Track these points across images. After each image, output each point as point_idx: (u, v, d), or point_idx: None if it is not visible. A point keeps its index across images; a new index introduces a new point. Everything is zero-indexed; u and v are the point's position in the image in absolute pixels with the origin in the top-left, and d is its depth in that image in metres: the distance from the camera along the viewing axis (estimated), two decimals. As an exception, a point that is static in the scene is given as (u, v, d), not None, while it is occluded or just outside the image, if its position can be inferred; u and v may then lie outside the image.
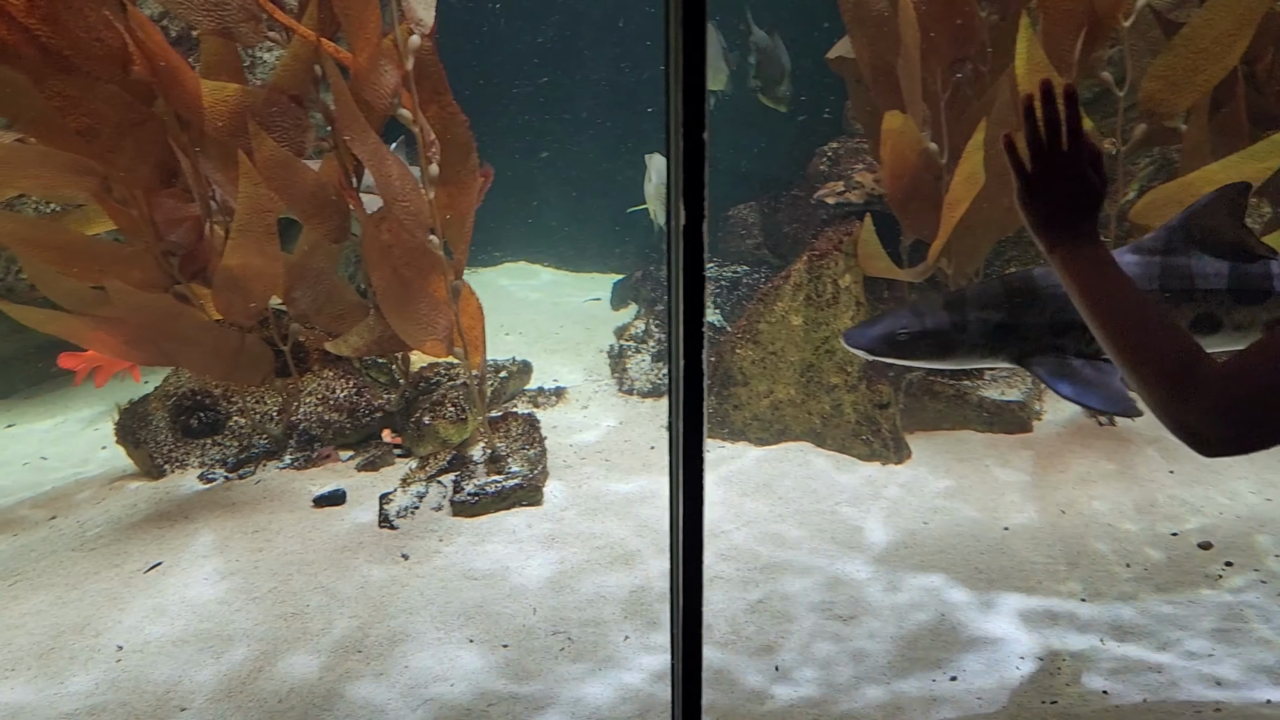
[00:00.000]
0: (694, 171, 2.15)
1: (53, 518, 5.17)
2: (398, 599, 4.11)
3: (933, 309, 3.24)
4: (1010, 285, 3.17)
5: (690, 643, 2.69)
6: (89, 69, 3.62)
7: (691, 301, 2.26)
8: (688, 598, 2.66)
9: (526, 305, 8.97)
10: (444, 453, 5.14)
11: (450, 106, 4.29)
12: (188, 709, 3.52)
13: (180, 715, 3.49)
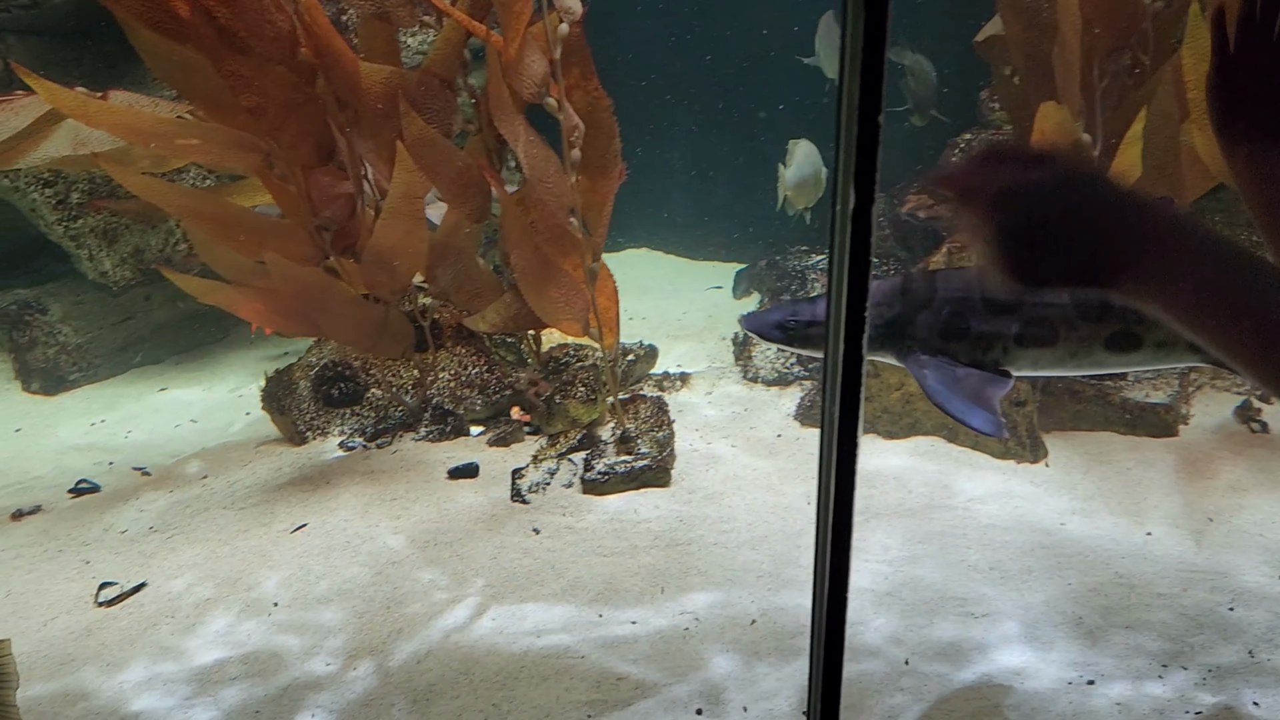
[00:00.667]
0: (867, 155, 2.14)
1: (204, 477, 5.46)
2: (529, 570, 4.21)
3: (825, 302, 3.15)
4: (907, 283, 3.07)
5: (833, 636, 2.68)
6: (261, 50, 3.81)
7: (856, 287, 2.26)
8: (833, 593, 2.65)
9: (649, 292, 9.03)
10: (574, 431, 5.23)
11: (596, 91, 4.34)
12: (332, 664, 3.68)
13: (325, 669, 3.65)
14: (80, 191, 6.69)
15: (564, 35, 4.06)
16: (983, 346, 2.92)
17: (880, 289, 3.12)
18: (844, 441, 2.46)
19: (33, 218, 6.82)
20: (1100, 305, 2.87)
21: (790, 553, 4.26)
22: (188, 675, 3.65)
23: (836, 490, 2.54)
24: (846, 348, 2.38)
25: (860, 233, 2.29)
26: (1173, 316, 1.46)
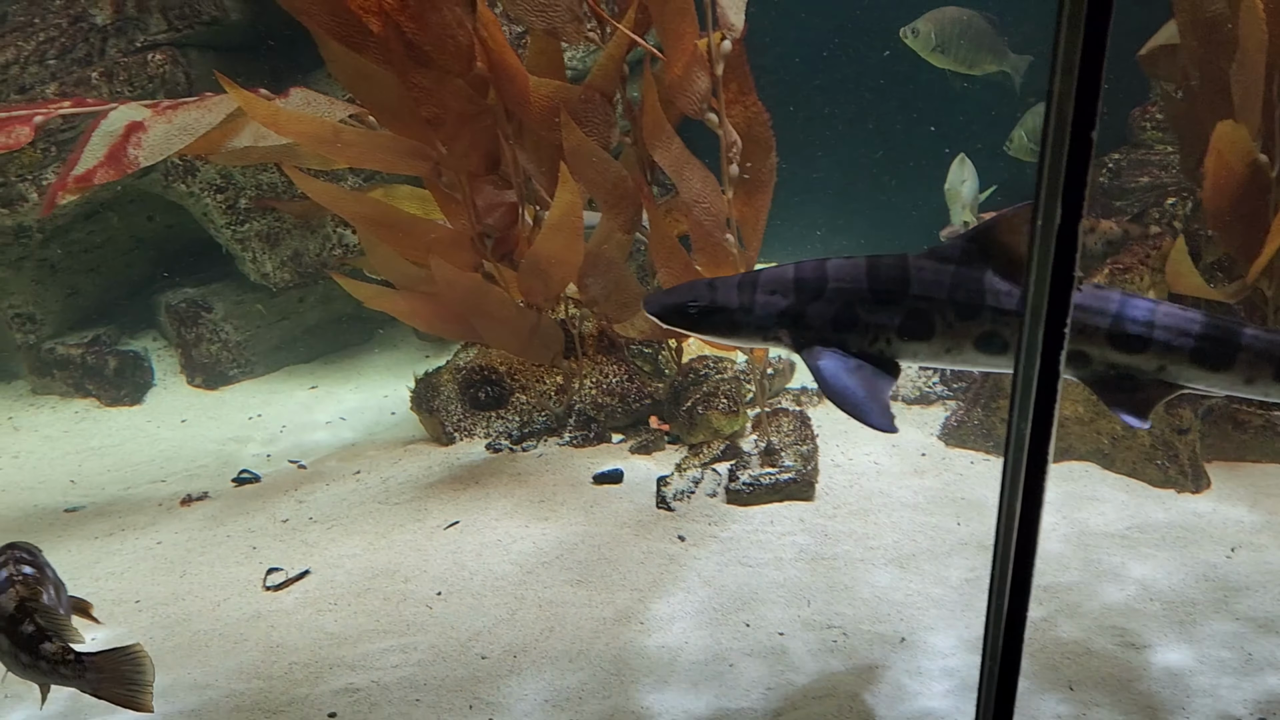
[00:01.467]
0: (1077, 171, 2.12)
1: (357, 472, 5.68)
2: (675, 577, 4.26)
3: (727, 286, 3.15)
4: (800, 274, 3.06)
5: (1009, 658, 2.64)
6: (442, 64, 3.98)
7: (1057, 304, 2.24)
8: (1011, 619, 2.61)
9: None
10: (715, 442, 5.27)
11: (754, 106, 4.40)
12: (487, 657, 3.79)
13: (481, 662, 3.76)
14: (248, 198, 7.07)
15: (727, 52, 4.12)
16: (870, 338, 2.95)
17: (774, 277, 3.13)
18: (1034, 462, 2.43)
19: (203, 221, 7.24)
20: (973, 306, 2.87)
21: (939, 572, 4.20)
22: (352, 661, 3.82)
23: (1023, 512, 2.50)
24: (1043, 365, 2.36)
25: (1065, 250, 2.26)
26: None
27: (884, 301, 2.95)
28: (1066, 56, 2.03)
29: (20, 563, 3.11)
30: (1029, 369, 2.36)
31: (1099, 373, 2.91)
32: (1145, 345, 2.84)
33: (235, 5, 7.04)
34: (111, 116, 4.09)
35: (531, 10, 4.10)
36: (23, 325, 7.33)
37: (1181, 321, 2.86)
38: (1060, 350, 2.30)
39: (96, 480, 6.13)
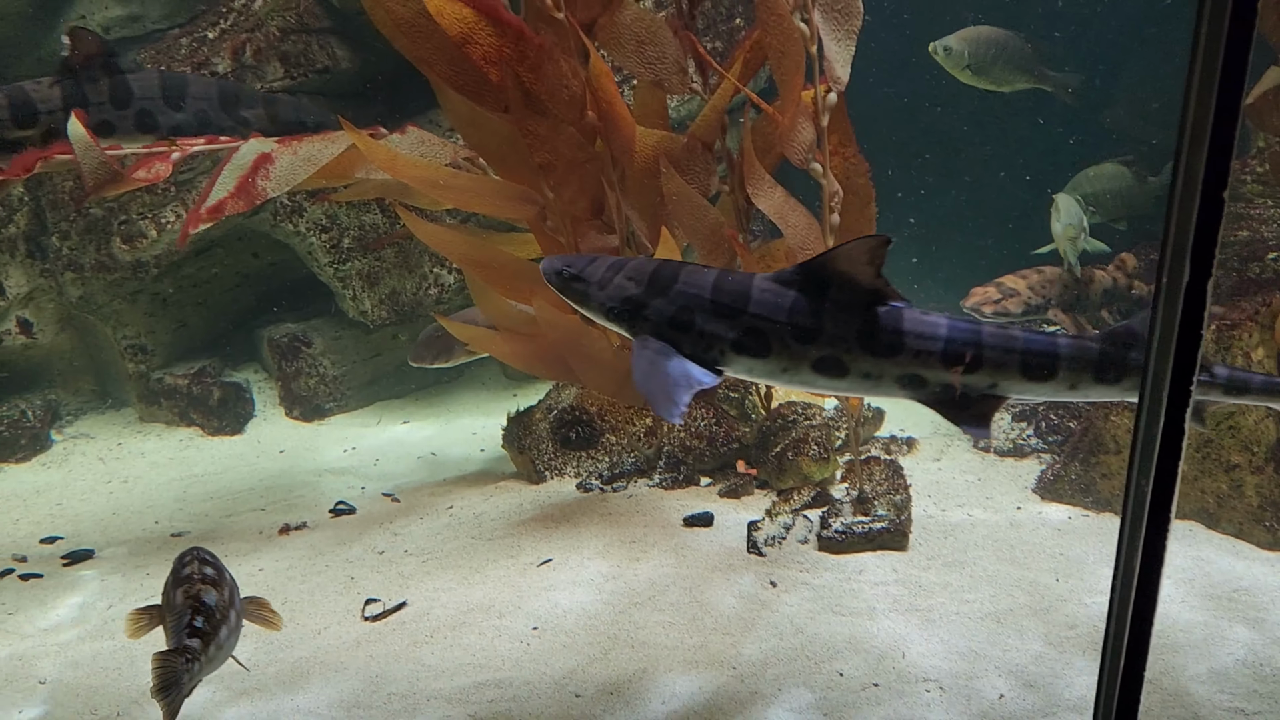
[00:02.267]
0: (1207, 231, 2.13)
1: (450, 507, 5.80)
2: (767, 623, 4.26)
3: (600, 264, 3.30)
4: (659, 270, 3.19)
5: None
6: (556, 112, 4.12)
7: (1183, 361, 2.23)
8: (1128, 677, 2.57)
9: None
10: (805, 488, 5.27)
11: (854, 157, 4.45)
12: (581, 696, 3.83)
13: (575, 700, 3.80)
14: (351, 238, 7.33)
15: (832, 104, 4.19)
16: (704, 344, 3.08)
17: (637, 266, 3.26)
18: (1154, 521, 2.41)
19: (307, 260, 7.51)
20: (810, 330, 3.00)
21: (1038, 629, 4.13)
22: (449, 694, 3.89)
23: (1142, 571, 2.48)
24: (1167, 423, 2.35)
25: (1193, 309, 2.26)
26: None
27: (723, 314, 3.08)
28: (1197, 119, 2.06)
29: (204, 563, 3.38)
30: (1151, 426, 2.36)
31: (936, 393, 3.06)
32: (977, 366, 2.99)
33: (346, 54, 7.36)
34: (242, 150, 4.32)
35: (641, 63, 4.23)
36: (135, 355, 7.67)
37: (1006, 340, 3.03)
38: (1186, 408, 2.29)
39: (200, 507, 6.35)
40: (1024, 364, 3.02)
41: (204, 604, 3.23)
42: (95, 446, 7.51)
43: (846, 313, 2.99)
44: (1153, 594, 2.52)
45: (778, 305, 3.04)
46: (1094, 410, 5.52)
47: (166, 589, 3.39)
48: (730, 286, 3.11)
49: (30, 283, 7.39)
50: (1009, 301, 6.17)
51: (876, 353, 3.01)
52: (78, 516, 6.27)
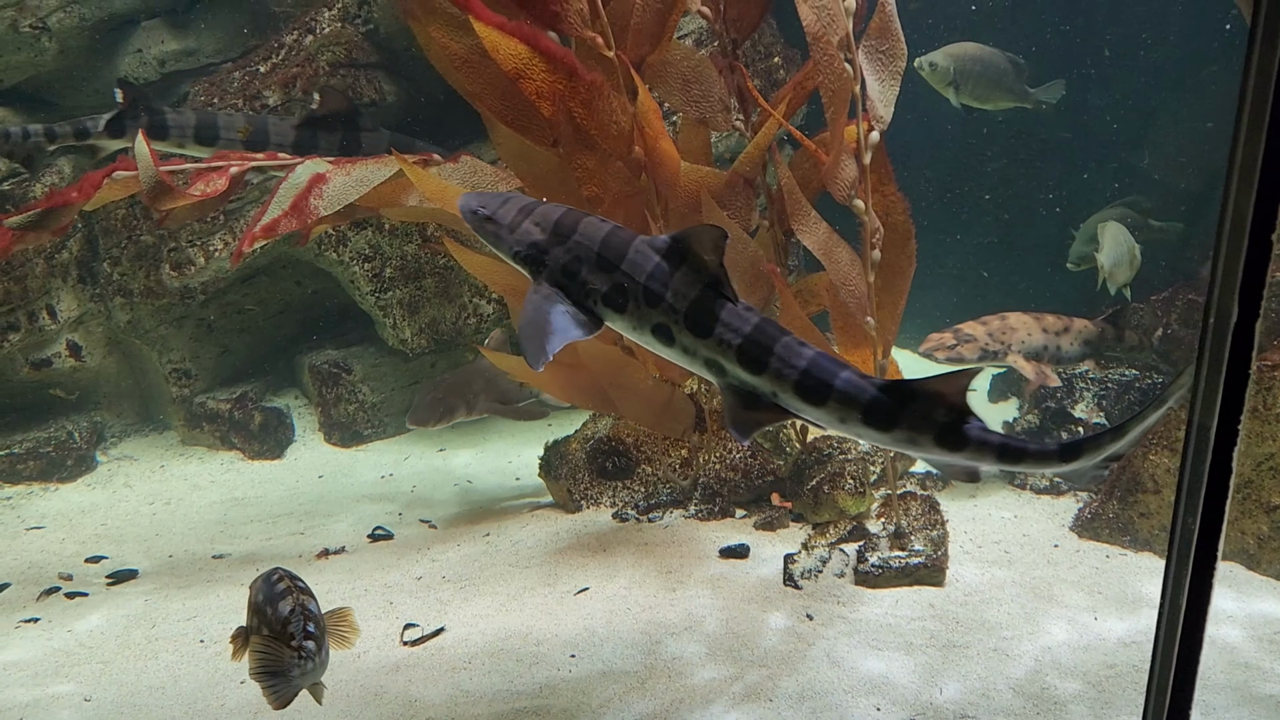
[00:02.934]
0: (1255, 271, 2.16)
1: (487, 534, 5.86)
2: (804, 656, 4.27)
3: (514, 205, 3.43)
4: (563, 219, 3.33)
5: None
6: (606, 147, 4.22)
7: (1231, 401, 2.25)
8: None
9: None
10: (841, 522, 5.28)
11: (893, 195, 4.50)
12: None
13: (612, 729, 3.83)
14: (393, 267, 7.46)
15: (874, 143, 4.26)
16: (584, 293, 3.26)
17: (546, 213, 3.40)
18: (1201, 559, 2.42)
19: (350, 288, 7.65)
20: (657, 296, 3.18)
21: (1077, 666, 4.12)
22: (488, 719, 3.93)
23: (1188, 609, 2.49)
24: (1214, 459, 2.37)
25: (1241, 348, 2.29)
26: None
27: (602, 268, 3.25)
28: (1246, 157, 2.10)
29: (294, 579, 3.50)
30: (1199, 464, 2.38)
31: (733, 385, 3.23)
32: (763, 369, 3.13)
33: (392, 89, 7.54)
34: (298, 170, 4.46)
35: (686, 100, 4.32)
36: (179, 380, 7.82)
37: (793, 355, 3.13)
38: (1234, 445, 2.32)
39: (241, 530, 6.45)
40: (800, 383, 3.12)
41: (312, 612, 3.39)
42: (139, 468, 7.65)
43: (686, 289, 3.17)
44: (1199, 632, 2.53)
45: (641, 267, 3.22)
46: (1133, 450, 5.51)
47: (256, 607, 3.49)
48: (615, 242, 3.28)
49: (80, 307, 7.58)
50: (964, 348, 6.06)
51: (695, 331, 3.19)
52: (122, 537, 6.39)
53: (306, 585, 3.51)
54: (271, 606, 3.40)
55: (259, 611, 3.46)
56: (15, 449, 7.30)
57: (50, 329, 7.42)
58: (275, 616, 3.35)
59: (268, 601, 3.44)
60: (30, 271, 7.26)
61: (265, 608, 3.43)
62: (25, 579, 5.76)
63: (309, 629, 3.31)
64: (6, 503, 7.08)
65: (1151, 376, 7.26)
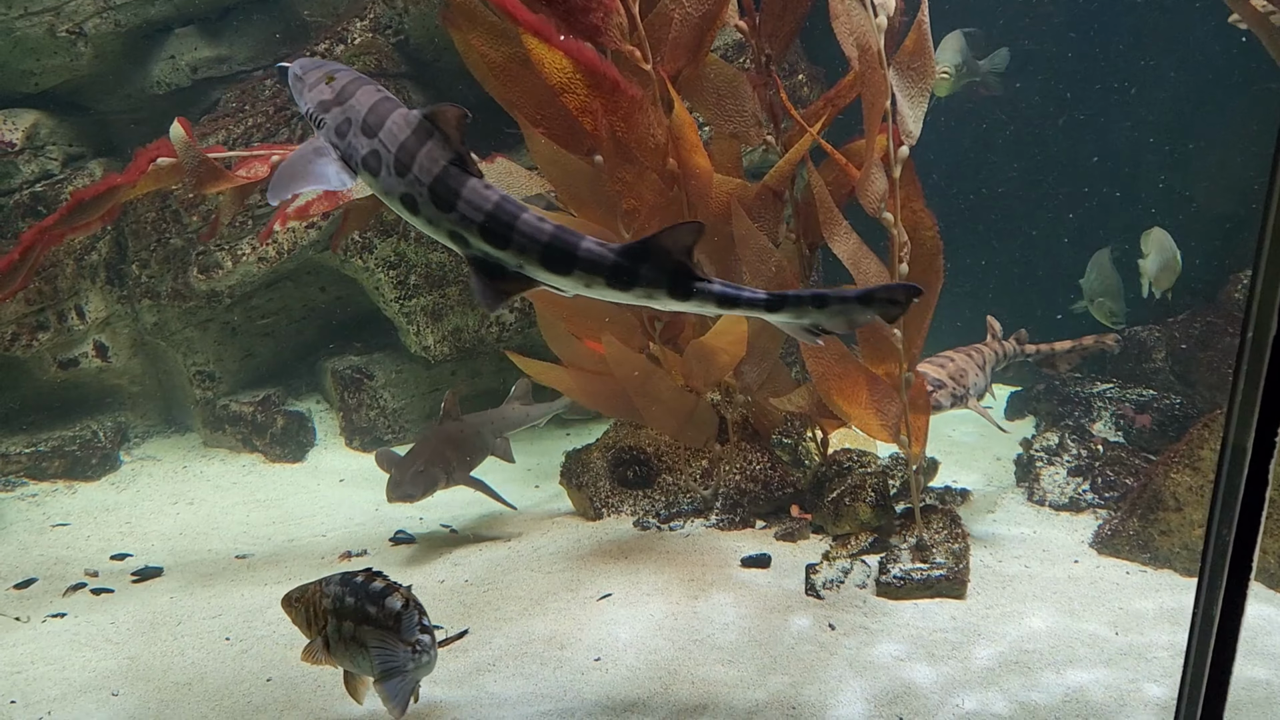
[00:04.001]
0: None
1: (508, 540, 5.90)
2: (827, 666, 4.30)
3: (332, 75, 3.51)
4: (350, 84, 3.45)
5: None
6: (643, 159, 4.29)
7: (1269, 412, 2.29)
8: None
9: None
10: (862, 534, 5.31)
11: (921, 211, 4.56)
12: (643, 728, 3.89)
13: (635, 732, 3.86)
14: (417, 275, 7.54)
15: (904, 158, 4.32)
16: (350, 153, 3.38)
17: (343, 78, 3.50)
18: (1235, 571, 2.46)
19: (374, 295, 7.73)
20: (407, 165, 3.26)
21: (1100, 680, 4.14)
22: (515, 718, 3.96)
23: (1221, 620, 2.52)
24: (1251, 473, 2.41)
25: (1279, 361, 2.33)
26: None
27: (365, 133, 3.36)
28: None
29: (386, 576, 3.64)
30: (1235, 475, 2.42)
31: (477, 257, 3.36)
32: (507, 244, 3.27)
33: (420, 99, 7.63)
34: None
35: (720, 115, 4.39)
36: (203, 382, 7.90)
37: (535, 230, 3.27)
38: (1271, 457, 2.36)
39: (263, 531, 6.51)
40: (545, 255, 3.27)
41: (422, 606, 3.50)
42: (161, 469, 7.72)
43: (432, 162, 3.27)
44: (1232, 644, 2.56)
45: (395, 138, 3.32)
46: (1153, 468, 5.54)
47: (344, 611, 3.57)
48: (379, 111, 3.39)
49: (108, 308, 7.67)
50: (938, 394, 5.77)
51: (438, 205, 3.30)
52: (146, 535, 6.45)
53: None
54: (376, 605, 3.48)
55: (353, 613, 3.52)
56: (41, 447, 7.38)
57: (79, 329, 7.51)
58: (384, 613, 3.43)
59: (368, 600, 3.51)
60: (60, 272, 7.36)
61: (366, 607, 3.50)
62: (51, 574, 5.82)
63: (424, 622, 3.43)
64: (32, 499, 7.16)
65: (1169, 397, 7.30)
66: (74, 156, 7.61)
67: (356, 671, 3.72)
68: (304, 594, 3.80)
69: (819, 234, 4.68)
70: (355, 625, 3.55)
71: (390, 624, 3.46)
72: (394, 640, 3.42)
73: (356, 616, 3.55)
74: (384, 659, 3.43)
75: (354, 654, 3.60)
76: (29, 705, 4.29)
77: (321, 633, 3.68)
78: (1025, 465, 6.56)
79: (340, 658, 3.69)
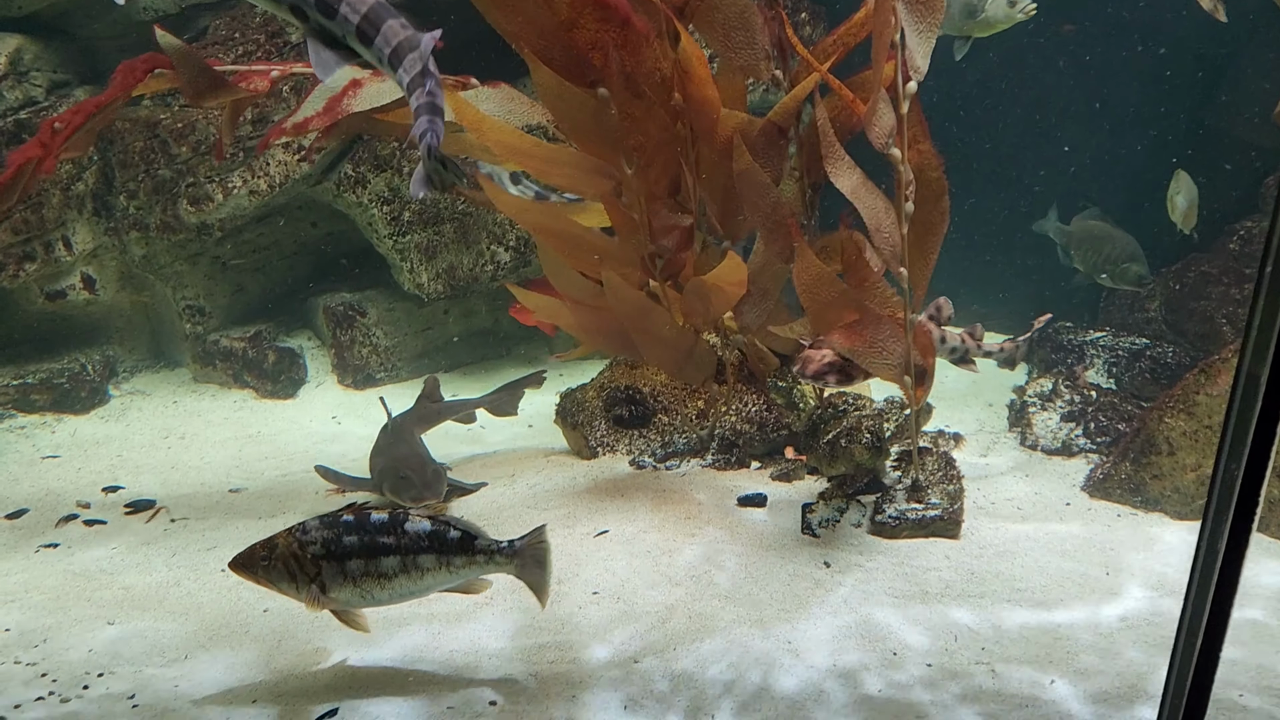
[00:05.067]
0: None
1: (503, 478, 5.90)
2: (822, 602, 4.33)
3: None
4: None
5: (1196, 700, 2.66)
6: (650, 95, 4.21)
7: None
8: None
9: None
10: (858, 475, 5.33)
11: (928, 152, 4.50)
12: (639, 661, 3.92)
13: (635, 666, 3.89)
14: (412, 211, 7.44)
15: (911, 93, 4.25)
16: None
17: None
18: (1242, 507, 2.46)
19: (367, 231, 7.63)
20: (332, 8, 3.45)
21: (1090, 619, 4.19)
22: (510, 653, 3.99)
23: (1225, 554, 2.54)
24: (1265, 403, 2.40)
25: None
26: None
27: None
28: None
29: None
30: (1246, 409, 2.42)
31: (314, 29, 3.55)
32: (334, 14, 3.49)
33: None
34: (337, 74, 4.51)
35: (730, 47, 4.31)
36: (193, 317, 7.82)
37: (360, 5, 3.48)
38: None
39: (255, 466, 6.49)
40: (359, 30, 3.49)
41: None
42: (151, 403, 7.67)
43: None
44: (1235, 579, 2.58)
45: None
46: (1146, 413, 5.57)
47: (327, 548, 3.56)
48: None
49: (95, 240, 7.55)
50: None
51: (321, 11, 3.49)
52: (138, 468, 6.43)
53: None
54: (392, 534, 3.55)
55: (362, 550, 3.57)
56: (29, 379, 7.31)
57: (66, 261, 7.40)
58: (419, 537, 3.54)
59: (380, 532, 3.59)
60: (46, 201, 7.23)
61: (380, 539, 3.57)
62: (43, 505, 5.80)
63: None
64: (21, 432, 7.11)
65: (1162, 345, 7.33)
66: (59, 84, 7.44)
67: (371, 605, 3.71)
68: (273, 552, 3.66)
69: (822, 172, 4.62)
70: (367, 561, 3.54)
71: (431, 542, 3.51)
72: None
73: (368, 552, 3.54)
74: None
75: (367, 589, 3.61)
76: (24, 634, 4.28)
77: (315, 580, 3.61)
78: (1018, 411, 6.59)
79: (348, 596, 3.66)
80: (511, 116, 4.63)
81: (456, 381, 8.23)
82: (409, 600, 3.75)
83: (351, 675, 3.92)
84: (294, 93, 7.08)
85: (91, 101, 4.65)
